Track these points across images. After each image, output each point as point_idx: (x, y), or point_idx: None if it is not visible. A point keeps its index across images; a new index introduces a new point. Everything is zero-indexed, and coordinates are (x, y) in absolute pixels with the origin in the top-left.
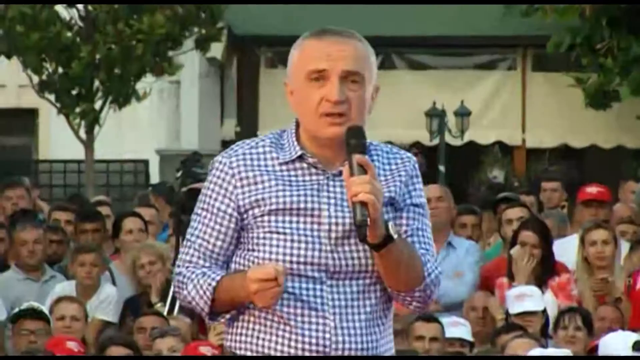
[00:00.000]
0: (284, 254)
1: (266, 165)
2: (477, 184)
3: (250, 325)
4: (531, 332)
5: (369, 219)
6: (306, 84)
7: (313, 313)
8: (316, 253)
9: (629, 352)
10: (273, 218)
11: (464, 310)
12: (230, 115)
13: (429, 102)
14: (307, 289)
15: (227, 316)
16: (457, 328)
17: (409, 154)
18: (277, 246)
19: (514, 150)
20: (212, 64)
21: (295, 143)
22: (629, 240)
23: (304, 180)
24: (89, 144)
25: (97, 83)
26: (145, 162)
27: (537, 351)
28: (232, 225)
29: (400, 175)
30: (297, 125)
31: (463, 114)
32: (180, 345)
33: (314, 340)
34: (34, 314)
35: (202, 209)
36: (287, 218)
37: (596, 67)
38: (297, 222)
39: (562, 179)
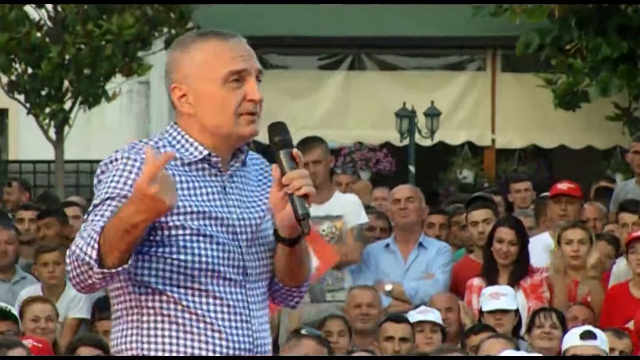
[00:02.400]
0: (208, 256)
1: (171, 167)
2: (446, 185)
3: (177, 334)
4: (502, 331)
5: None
6: (223, 85)
7: (239, 317)
8: (236, 255)
9: (579, 342)
10: (196, 222)
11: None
12: None
13: (399, 102)
14: (232, 293)
15: (120, 268)
16: (426, 315)
17: (262, 158)
18: (204, 248)
19: (484, 150)
20: None
21: (197, 144)
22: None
23: (209, 182)
24: (58, 144)
25: (66, 83)
26: None
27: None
28: None
29: (269, 181)
30: (176, 127)
31: (433, 114)
32: None
33: (243, 346)
34: (3, 314)
35: (104, 199)
36: (207, 221)
37: (565, 68)
38: (215, 224)
39: (532, 179)
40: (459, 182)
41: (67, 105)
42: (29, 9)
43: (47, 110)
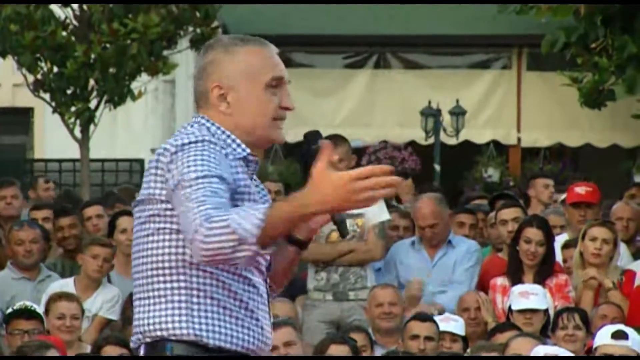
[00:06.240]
0: None
1: (227, 156)
2: (472, 183)
3: (223, 317)
4: (531, 330)
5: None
6: (264, 90)
7: (267, 308)
8: None
9: (610, 341)
10: None
11: (455, 310)
12: None
13: (424, 101)
14: (262, 284)
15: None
16: (448, 323)
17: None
18: None
19: (509, 149)
20: None
21: (238, 141)
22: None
23: (249, 180)
24: (84, 143)
25: (92, 82)
26: (141, 162)
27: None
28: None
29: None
30: (211, 122)
31: (458, 113)
32: None
33: (267, 334)
34: (28, 313)
35: (201, 175)
36: None
37: (591, 66)
38: None
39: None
40: (484, 181)
41: (93, 104)
42: (55, 7)
43: (73, 109)
